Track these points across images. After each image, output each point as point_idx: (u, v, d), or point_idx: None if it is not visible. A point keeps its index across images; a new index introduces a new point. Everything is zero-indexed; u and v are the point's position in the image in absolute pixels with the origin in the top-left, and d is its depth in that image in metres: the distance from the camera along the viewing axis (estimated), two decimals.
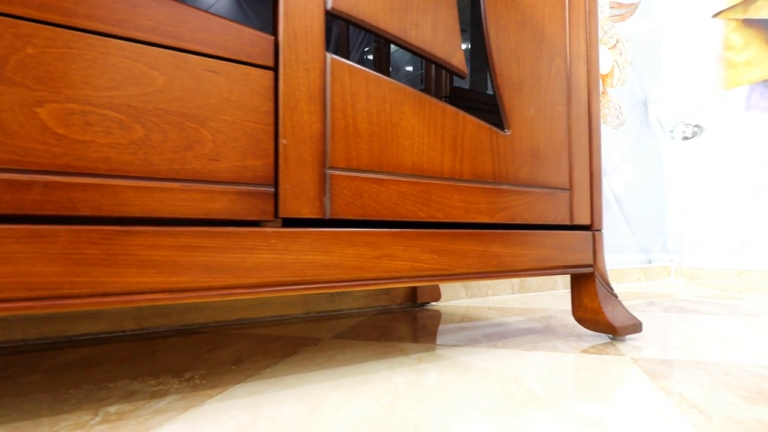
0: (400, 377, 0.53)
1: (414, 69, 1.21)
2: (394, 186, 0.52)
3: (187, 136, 0.41)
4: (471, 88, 1.03)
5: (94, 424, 0.40)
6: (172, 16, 0.41)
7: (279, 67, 0.46)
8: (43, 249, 0.35)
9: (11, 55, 0.35)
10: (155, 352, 0.66)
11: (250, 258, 0.43)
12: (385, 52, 1.17)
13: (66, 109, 0.36)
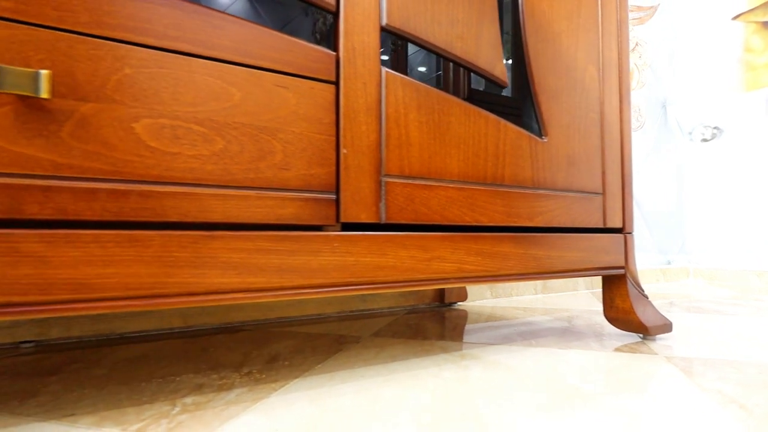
0: (448, 373, 0.56)
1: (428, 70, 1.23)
2: (443, 192, 0.55)
3: (261, 147, 0.44)
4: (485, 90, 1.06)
5: (175, 414, 0.44)
6: (248, 35, 0.44)
7: (340, 81, 0.49)
8: (139, 252, 0.38)
9: (112, 75, 0.38)
10: (207, 348, 0.69)
11: (316, 260, 0.46)
12: (402, 55, 1.20)
13: (158, 123, 0.40)
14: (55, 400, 0.47)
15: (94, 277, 0.36)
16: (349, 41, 0.50)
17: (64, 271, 0.35)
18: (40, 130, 0.35)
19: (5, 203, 0.34)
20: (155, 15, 0.40)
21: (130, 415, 0.43)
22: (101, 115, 0.37)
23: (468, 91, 1.03)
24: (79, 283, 0.36)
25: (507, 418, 0.42)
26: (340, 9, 0.49)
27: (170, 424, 0.41)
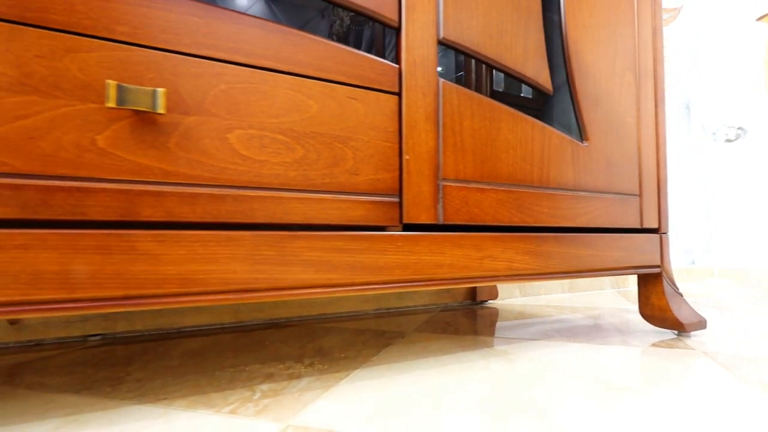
0: (496, 365, 0.60)
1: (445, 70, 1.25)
2: (494, 194, 0.59)
3: (335, 154, 0.48)
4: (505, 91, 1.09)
5: (257, 398, 0.48)
6: (323, 51, 0.48)
7: (402, 92, 0.53)
8: (234, 251, 0.42)
9: (209, 90, 0.42)
10: (263, 342, 0.74)
11: (383, 258, 0.50)
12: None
13: (248, 134, 0.44)
14: (143, 387, 0.52)
15: (198, 273, 0.40)
16: (410, 55, 0.53)
17: (173, 267, 0.39)
18: (152, 142, 0.39)
19: (124, 207, 0.38)
20: (244, 35, 0.44)
21: (216, 399, 0.47)
22: (201, 127, 0.41)
23: (490, 92, 1.06)
24: (186, 279, 0.40)
25: (562, 405, 0.46)
26: (402, 25, 0.53)
27: (256, 407, 0.45)
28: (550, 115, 0.95)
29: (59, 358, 0.64)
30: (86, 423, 0.41)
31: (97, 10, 0.38)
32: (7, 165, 0.34)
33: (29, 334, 0.72)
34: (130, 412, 0.44)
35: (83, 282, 0.36)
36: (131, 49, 0.39)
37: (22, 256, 0.34)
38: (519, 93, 1.15)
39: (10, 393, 0.50)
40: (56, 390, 0.51)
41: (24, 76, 0.35)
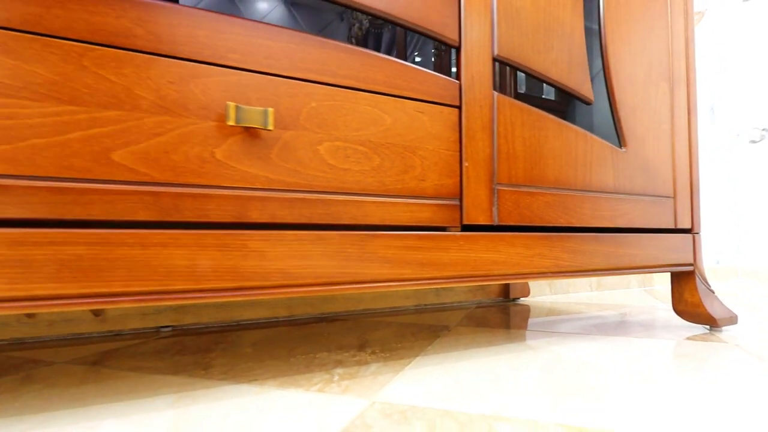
0: (545, 355, 0.65)
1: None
2: (541, 197, 0.64)
3: (405, 163, 0.54)
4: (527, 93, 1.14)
5: (337, 380, 0.53)
6: (395, 70, 0.54)
7: (462, 105, 0.58)
8: (324, 248, 0.48)
9: (303, 108, 0.48)
10: (321, 333, 0.80)
11: (447, 256, 0.56)
12: (446, 60, 1.28)
13: (334, 145, 0.49)
14: (231, 370, 0.58)
15: (296, 267, 0.46)
16: (469, 71, 0.59)
17: (276, 262, 0.45)
18: (258, 154, 0.45)
19: (236, 210, 0.44)
20: (330, 58, 0.50)
21: (301, 380, 0.53)
22: (296, 141, 0.47)
23: (515, 94, 1.12)
24: (286, 272, 0.46)
25: (612, 387, 0.51)
26: (462, 44, 0.59)
27: (339, 387, 0.51)
28: (573, 116, 1.00)
29: (143, 346, 0.71)
30: (197, 399, 0.48)
31: (215, 40, 0.44)
32: (148, 175, 0.41)
33: (110, 325, 0.79)
34: (230, 390, 0.50)
35: (206, 274, 0.42)
36: (241, 74, 0.45)
37: (160, 253, 0.40)
38: (540, 95, 1.21)
39: (115, 375, 0.56)
40: (156, 372, 0.57)
41: (159, 98, 0.41)
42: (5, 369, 0.59)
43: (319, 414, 0.43)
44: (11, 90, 0.36)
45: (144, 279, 0.40)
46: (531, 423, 0.41)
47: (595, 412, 0.44)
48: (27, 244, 0.36)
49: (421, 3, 0.56)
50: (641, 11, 0.78)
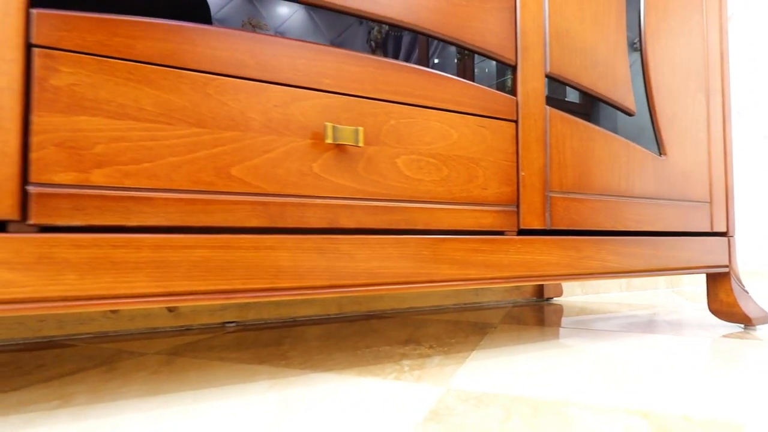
0: (590, 350, 0.70)
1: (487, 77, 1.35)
2: (589, 203, 0.69)
3: (470, 173, 0.59)
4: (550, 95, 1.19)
5: (407, 370, 0.59)
6: (460, 89, 0.59)
7: (518, 120, 0.63)
8: (402, 251, 0.54)
9: (383, 125, 0.54)
10: (375, 330, 0.85)
11: (507, 257, 0.61)
12: (469, 65, 1.34)
13: (410, 158, 0.55)
14: (308, 361, 0.64)
15: (379, 268, 0.52)
16: (524, 88, 0.64)
17: (363, 263, 0.51)
18: (347, 167, 0.51)
19: (329, 217, 0.50)
20: (404, 80, 0.55)
21: (375, 370, 0.59)
22: (378, 155, 0.53)
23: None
24: (371, 273, 0.51)
25: (657, 377, 0.56)
26: (518, 63, 0.64)
27: (412, 376, 0.57)
28: (596, 118, 1.05)
29: (216, 340, 0.77)
30: (290, 384, 0.53)
31: (311, 67, 0.50)
32: (259, 187, 0.47)
33: (182, 320, 0.85)
34: (315, 377, 0.56)
35: (306, 274, 0.48)
36: (332, 96, 0.51)
37: (269, 255, 0.46)
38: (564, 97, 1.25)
39: (206, 364, 0.63)
40: (241, 362, 0.63)
41: (267, 120, 0.47)
42: (108, 358, 0.66)
43: (404, 398, 0.49)
44: (152, 116, 0.43)
45: (257, 277, 0.46)
46: (598, 407, 0.46)
47: (653, 398, 0.49)
48: (165, 248, 0.42)
49: (484, 28, 0.61)
50: (680, 26, 0.82)
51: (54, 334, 0.77)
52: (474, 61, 1.33)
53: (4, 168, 0.37)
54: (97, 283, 0.39)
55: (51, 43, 0.39)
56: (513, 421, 0.42)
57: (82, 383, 0.54)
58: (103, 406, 0.46)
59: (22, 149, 0.38)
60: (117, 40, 0.42)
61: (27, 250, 0.37)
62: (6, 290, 0.37)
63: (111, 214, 0.41)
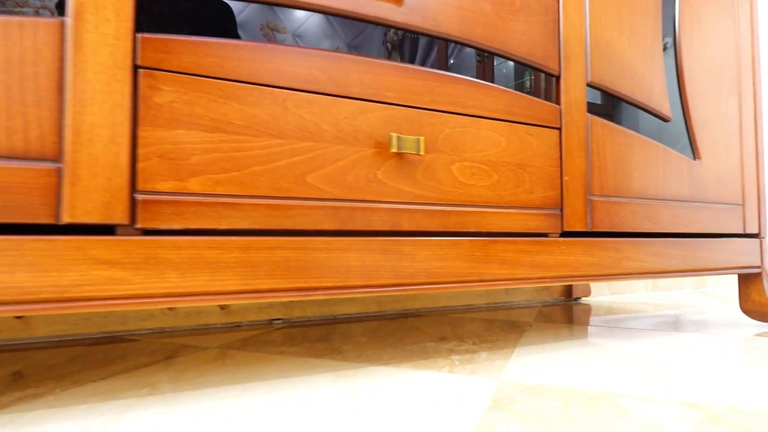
0: (627, 347, 0.73)
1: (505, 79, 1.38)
2: (628, 206, 0.72)
3: (517, 178, 0.62)
4: None
5: (459, 365, 0.63)
6: (509, 99, 0.62)
7: (562, 127, 0.66)
8: (456, 252, 0.57)
9: (440, 134, 0.57)
10: (415, 327, 0.89)
11: (552, 258, 0.64)
12: (489, 67, 1.37)
13: (463, 165, 0.59)
14: (362, 355, 0.67)
15: (436, 268, 0.56)
16: (567, 97, 0.67)
17: (422, 264, 0.55)
18: (407, 174, 0.55)
19: (392, 221, 0.54)
20: (458, 91, 0.59)
21: (427, 364, 0.63)
22: (435, 162, 0.57)
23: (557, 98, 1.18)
24: (429, 272, 0.55)
25: (695, 374, 0.58)
26: (561, 73, 0.67)
27: (464, 369, 0.60)
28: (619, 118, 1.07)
29: (268, 335, 0.81)
30: (353, 376, 0.57)
31: (376, 81, 0.54)
32: (331, 193, 0.51)
33: (233, 317, 0.90)
34: (374, 370, 0.60)
35: (372, 273, 0.52)
36: (395, 108, 0.55)
37: (340, 255, 0.50)
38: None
39: (268, 357, 0.67)
40: (300, 355, 0.67)
41: (338, 131, 0.51)
42: (174, 351, 0.70)
43: (463, 389, 0.52)
44: (239, 128, 0.47)
45: (330, 276, 0.50)
46: (646, 399, 0.49)
47: (697, 391, 0.52)
48: (252, 249, 0.46)
49: (529, 41, 0.64)
50: (712, 33, 0.84)
51: (117, 330, 0.82)
52: (494, 63, 1.36)
53: (116, 178, 0.42)
54: (195, 281, 0.44)
55: (154, 64, 0.44)
56: (572, 409, 0.46)
57: (161, 374, 0.58)
58: (188, 394, 0.51)
59: (131, 161, 0.42)
60: (209, 60, 0.46)
61: (136, 251, 0.42)
62: (119, 287, 0.41)
63: (205, 219, 0.45)
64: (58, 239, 0.39)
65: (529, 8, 0.65)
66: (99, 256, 0.40)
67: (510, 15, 0.63)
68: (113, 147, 0.41)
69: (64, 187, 0.40)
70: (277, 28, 1.28)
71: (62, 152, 0.40)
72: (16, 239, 0.38)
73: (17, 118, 0.39)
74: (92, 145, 0.41)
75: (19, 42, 0.39)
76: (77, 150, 0.40)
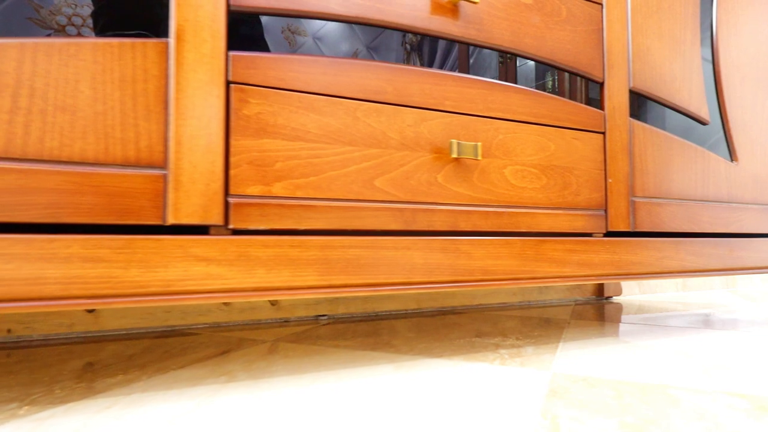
0: (667, 343, 0.75)
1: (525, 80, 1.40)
2: (668, 207, 0.74)
3: (564, 181, 0.66)
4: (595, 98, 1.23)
5: (508, 358, 0.66)
6: (556, 105, 0.66)
7: (606, 132, 0.69)
8: (509, 251, 0.61)
9: (493, 140, 0.61)
10: (455, 323, 0.92)
11: (597, 257, 0.67)
12: (512, 68, 1.39)
13: (515, 169, 0.62)
14: (414, 348, 0.71)
15: (491, 266, 0.59)
16: (611, 103, 0.70)
17: (478, 262, 0.58)
18: (464, 177, 0.59)
19: (450, 221, 0.58)
20: (509, 99, 0.62)
21: (478, 357, 0.66)
22: (489, 166, 0.60)
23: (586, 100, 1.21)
24: (484, 270, 0.59)
25: (751, 367, 0.61)
26: (605, 80, 0.70)
27: (514, 362, 0.63)
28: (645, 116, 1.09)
29: (317, 330, 0.86)
30: (412, 367, 0.61)
31: (436, 91, 0.57)
32: (396, 196, 0.54)
33: (282, 312, 0.95)
34: (429, 362, 0.63)
35: (433, 270, 0.56)
36: (452, 116, 0.58)
37: (405, 254, 0.54)
38: None
39: (324, 350, 0.71)
40: (355, 348, 0.71)
41: (402, 138, 0.55)
42: (236, 344, 0.75)
43: (518, 379, 0.56)
44: (316, 137, 0.51)
45: (396, 273, 0.53)
46: (695, 390, 0.52)
47: (742, 383, 0.54)
48: (328, 247, 0.50)
49: (575, 50, 0.67)
50: (749, 38, 0.86)
51: (178, 324, 0.87)
52: (516, 64, 1.39)
53: (212, 183, 0.46)
54: (279, 276, 0.48)
55: (243, 79, 0.48)
56: (626, 399, 0.49)
57: (231, 363, 0.63)
58: (264, 381, 0.55)
59: (224, 167, 0.47)
60: (290, 75, 0.50)
61: (230, 249, 0.46)
62: (216, 282, 0.45)
63: (287, 220, 0.49)
64: (165, 239, 0.43)
65: (575, 18, 0.68)
66: (199, 254, 0.45)
67: (557, 25, 0.66)
68: (210, 155, 0.46)
69: (169, 192, 0.44)
70: (298, 31, 1.33)
71: (167, 160, 0.45)
72: (129, 238, 0.42)
73: (130, 130, 0.43)
74: (192, 154, 0.45)
75: (131, 62, 0.43)
76: (180, 158, 0.45)
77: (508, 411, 0.45)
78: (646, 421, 0.43)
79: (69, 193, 0.41)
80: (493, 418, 0.44)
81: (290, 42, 1.32)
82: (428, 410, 0.46)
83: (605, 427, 0.42)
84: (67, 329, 0.80)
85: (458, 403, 0.47)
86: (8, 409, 0.46)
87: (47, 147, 0.41)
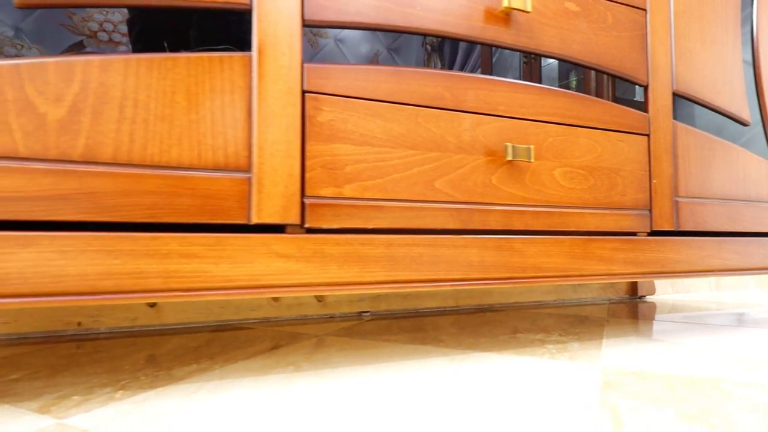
0: (708, 340, 0.77)
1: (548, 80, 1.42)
2: (710, 207, 0.76)
3: (611, 182, 0.68)
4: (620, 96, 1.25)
5: (555, 353, 0.68)
6: (603, 109, 0.68)
7: (650, 134, 0.71)
8: (559, 249, 0.63)
9: (543, 142, 0.63)
10: (495, 320, 0.95)
11: (642, 255, 0.69)
12: (536, 68, 1.40)
13: (564, 170, 0.65)
14: (461, 344, 0.74)
15: (543, 263, 0.62)
16: (655, 105, 0.72)
17: (531, 259, 0.61)
18: (516, 178, 0.61)
19: (504, 221, 0.60)
20: (558, 103, 0.65)
21: (527, 351, 0.69)
22: (540, 168, 0.63)
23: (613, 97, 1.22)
24: (536, 267, 0.61)
25: None
26: (649, 83, 0.72)
27: (562, 356, 0.66)
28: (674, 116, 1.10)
29: (362, 326, 0.89)
30: (464, 360, 0.64)
31: (490, 97, 0.60)
32: (454, 197, 0.58)
33: (328, 308, 0.98)
34: (480, 355, 0.66)
35: (488, 267, 0.59)
36: (505, 120, 0.61)
37: (462, 252, 0.57)
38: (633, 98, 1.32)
39: (375, 344, 0.74)
40: (405, 343, 0.74)
41: (459, 142, 0.58)
42: (291, 337, 0.79)
43: (570, 372, 0.58)
44: (381, 142, 0.54)
45: (455, 270, 0.57)
46: (744, 383, 0.54)
47: None
48: (393, 245, 0.54)
49: (620, 54, 0.70)
50: None
51: (232, 318, 0.91)
52: (540, 64, 1.41)
53: (291, 186, 0.50)
54: (350, 272, 0.51)
55: (316, 89, 0.51)
56: (679, 391, 0.51)
57: (293, 355, 0.67)
58: (328, 372, 0.59)
59: (301, 171, 0.50)
60: (357, 83, 0.53)
61: (306, 247, 0.50)
62: (294, 277, 0.49)
63: (356, 219, 0.53)
64: (251, 237, 0.47)
65: (620, 24, 0.70)
66: (279, 251, 0.48)
67: (603, 31, 0.69)
68: (288, 160, 0.50)
69: (253, 194, 0.48)
70: (320, 34, 1.36)
71: (251, 165, 0.48)
72: (220, 237, 0.46)
73: (219, 138, 0.47)
74: (273, 159, 0.49)
75: (219, 74, 0.47)
76: (262, 162, 0.48)
77: (567, 401, 0.48)
78: (702, 410, 0.46)
79: (167, 195, 0.45)
80: (554, 406, 0.47)
81: (312, 44, 1.37)
82: (490, 398, 0.49)
83: (663, 415, 0.44)
84: (131, 323, 0.85)
85: (517, 392, 0.50)
86: (104, 393, 0.51)
87: (149, 153, 0.45)
